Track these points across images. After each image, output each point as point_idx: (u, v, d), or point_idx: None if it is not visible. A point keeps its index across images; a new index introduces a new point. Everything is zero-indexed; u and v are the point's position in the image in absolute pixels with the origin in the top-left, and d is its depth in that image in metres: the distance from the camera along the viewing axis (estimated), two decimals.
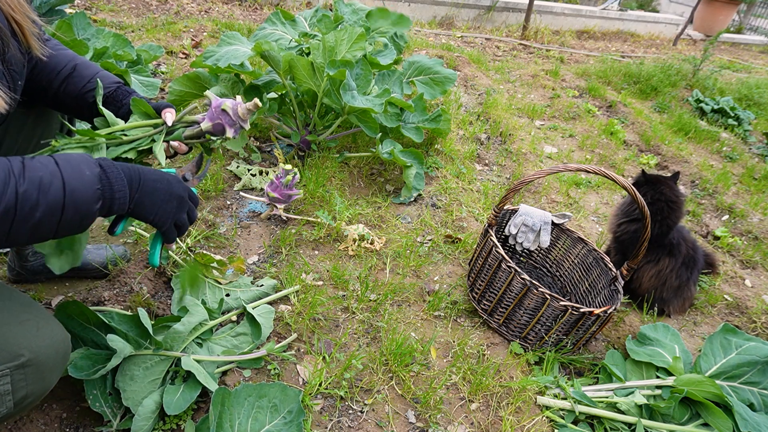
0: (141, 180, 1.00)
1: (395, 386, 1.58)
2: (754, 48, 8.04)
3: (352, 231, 2.12)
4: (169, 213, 1.06)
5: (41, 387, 0.98)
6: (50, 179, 0.84)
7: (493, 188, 2.76)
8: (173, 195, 1.06)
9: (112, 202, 0.95)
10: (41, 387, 0.98)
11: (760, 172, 3.50)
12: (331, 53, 2.32)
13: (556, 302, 1.64)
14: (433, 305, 1.89)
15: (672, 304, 2.09)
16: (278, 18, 2.91)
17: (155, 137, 1.24)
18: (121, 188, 0.95)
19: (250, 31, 4.08)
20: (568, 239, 2.10)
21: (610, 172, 1.57)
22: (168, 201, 1.05)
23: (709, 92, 4.77)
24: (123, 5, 4.36)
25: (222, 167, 2.44)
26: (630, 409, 1.58)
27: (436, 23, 6.15)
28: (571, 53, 5.75)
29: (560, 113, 3.94)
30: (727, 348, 1.74)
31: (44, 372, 0.97)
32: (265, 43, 2.17)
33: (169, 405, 1.30)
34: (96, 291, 1.68)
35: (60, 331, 1.02)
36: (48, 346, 0.97)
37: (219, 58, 2.44)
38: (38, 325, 0.98)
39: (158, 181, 1.04)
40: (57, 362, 1.00)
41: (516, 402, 1.58)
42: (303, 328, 1.71)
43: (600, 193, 2.97)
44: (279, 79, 2.46)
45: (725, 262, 2.55)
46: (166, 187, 1.05)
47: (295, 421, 1.32)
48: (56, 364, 1.00)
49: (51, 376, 1.00)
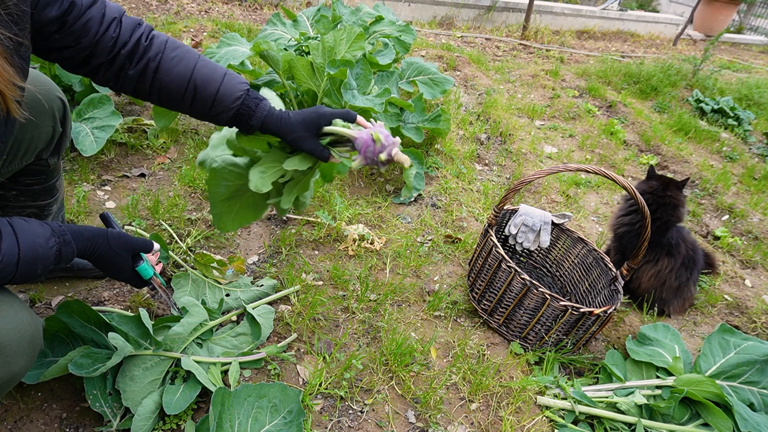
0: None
1: (395, 386, 1.58)
2: (754, 48, 8.04)
3: (352, 231, 2.12)
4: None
5: (7, 372, 0.96)
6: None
7: (493, 188, 2.76)
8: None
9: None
10: (7, 372, 0.96)
11: (760, 172, 3.50)
12: (330, 53, 2.32)
13: (556, 302, 1.64)
14: (433, 305, 1.89)
15: (672, 304, 2.09)
16: (278, 19, 2.91)
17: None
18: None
19: (250, 31, 4.08)
20: (568, 239, 2.10)
21: (610, 172, 1.57)
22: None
23: (709, 92, 4.77)
24: (123, 5, 4.36)
25: None
26: (630, 409, 1.58)
27: (436, 23, 6.15)
28: (571, 53, 5.75)
29: (560, 113, 3.94)
30: (725, 348, 1.74)
31: (8, 355, 0.95)
32: (263, 42, 2.17)
33: (169, 405, 1.30)
34: (96, 291, 1.68)
35: (25, 314, 1.00)
36: (11, 329, 0.95)
37: (219, 59, 2.45)
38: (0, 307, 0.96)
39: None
40: (22, 346, 0.98)
41: (516, 402, 1.58)
42: (303, 328, 1.71)
43: (600, 193, 2.97)
44: (279, 78, 2.46)
45: (725, 262, 2.55)
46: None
47: (295, 421, 1.32)
48: (21, 348, 0.98)
49: (17, 360, 0.97)
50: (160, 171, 2.36)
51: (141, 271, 1.22)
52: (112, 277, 1.23)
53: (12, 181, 1.39)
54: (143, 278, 1.25)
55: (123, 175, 2.28)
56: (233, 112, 1.20)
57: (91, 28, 1.07)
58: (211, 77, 1.19)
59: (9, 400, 1.33)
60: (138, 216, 2.03)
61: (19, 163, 1.32)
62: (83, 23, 1.06)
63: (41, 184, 1.45)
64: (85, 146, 2.08)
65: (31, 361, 1.03)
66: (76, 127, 2.13)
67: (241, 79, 1.23)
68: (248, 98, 1.21)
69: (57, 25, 1.02)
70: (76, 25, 1.05)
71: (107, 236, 1.15)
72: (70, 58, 1.10)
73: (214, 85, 1.19)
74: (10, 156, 1.26)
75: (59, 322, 1.36)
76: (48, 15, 1.00)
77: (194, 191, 2.25)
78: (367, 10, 3.05)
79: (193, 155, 2.46)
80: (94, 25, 1.07)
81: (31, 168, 1.39)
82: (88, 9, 1.06)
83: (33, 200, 1.47)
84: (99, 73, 1.14)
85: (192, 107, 1.21)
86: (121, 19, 1.13)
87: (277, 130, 1.22)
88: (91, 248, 1.12)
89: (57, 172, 1.49)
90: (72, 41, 1.06)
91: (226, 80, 1.20)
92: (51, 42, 1.05)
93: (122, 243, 1.17)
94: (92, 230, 1.14)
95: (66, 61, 1.11)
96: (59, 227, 1.05)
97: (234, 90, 1.20)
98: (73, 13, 1.04)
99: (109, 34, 1.10)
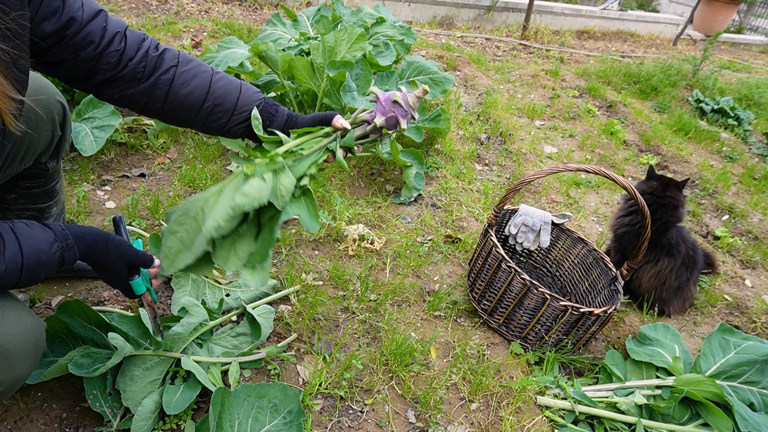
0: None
1: (395, 386, 1.59)
2: (754, 48, 8.04)
3: (352, 231, 2.12)
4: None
5: (11, 376, 0.96)
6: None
7: (493, 188, 2.76)
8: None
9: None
10: (11, 376, 0.96)
11: (760, 172, 3.50)
12: (330, 53, 2.32)
13: (556, 302, 1.64)
14: (433, 305, 1.89)
15: (672, 304, 2.09)
16: (278, 19, 2.92)
17: (330, 146, 1.19)
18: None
19: (250, 31, 4.08)
20: (568, 239, 2.10)
21: (610, 172, 1.57)
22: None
23: (709, 92, 4.77)
24: (123, 5, 4.36)
25: (222, 167, 2.44)
26: (630, 409, 1.58)
27: (436, 23, 6.15)
28: (571, 53, 5.75)
29: (560, 113, 3.94)
30: (725, 348, 1.74)
31: (12, 360, 0.95)
32: (262, 43, 2.17)
33: (169, 405, 1.30)
34: (96, 291, 1.69)
35: (28, 317, 1.00)
36: (15, 333, 0.95)
37: (218, 63, 2.45)
38: (3, 312, 0.95)
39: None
40: (27, 350, 0.98)
41: (516, 402, 1.58)
42: (303, 328, 1.71)
43: (600, 193, 2.97)
44: (278, 79, 2.47)
45: (725, 262, 2.55)
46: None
47: (295, 421, 1.32)
48: (26, 352, 0.97)
49: (21, 364, 0.97)
50: (160, 171, 2.36)
51: (134, 286, 1.21)
52: (106, 282, 1.23)
53: (11, 184, 1.38)
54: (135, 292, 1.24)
55: (123, 175, 2.28)
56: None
57: (92, 41, 1.06)
58: (229, 88, 1.20)
59: (9, 400, 1.33)
60: (138, 216, 2.03)
61: (18, 167, 1.31)
62: (83, 37, 1.05)
63: (41, 187, 1.44)
64: (84, 146, 2.08)
65: (35, 364, 1.02)
66: (75, 127, 2.13)
67: (255, 88, 1.25)
68: (267, 105, 1.24)
69: (55, 39, 1.01)
70: (75, 39, 1.04)
71: (107, 242, 1.14)
72: (70, 72, 1.08)
73: (233, 96, 1.20)
74: (8, 160, 1.25)
75: (59, 322, 1.36)
76: (45, 29, 0.99)
77: (194, 191, 2.25)
78: (368, 11, 3.05)
79: (193, 155, 2.46)
80: (95, 38, 1.06)
81: (31, 171, 1.38)
82: (88, 23, 1.05)
83: (33, 203, 1.46)
84: (104, 88, 1.13)
85: (208, 120, 1.20)
86: (125, 33, 1.12)
87: (298, 127, 1.23)
88: (91, 252, 1.12)
89: (57, 175, 1.47)
90: (70, 55, 1.05)
91: (244, 90, 1.22)
92: (49, 56, 1.04)
93: (120, 252, 1.16)
94: (95, 234, 1.13)
95: (67, 75, 1.10)
96: (62, 231, 1.05)
97: (252, 98, 1.22)
98: (72, 28, 1.03)
99: (113, 48, 1.09)
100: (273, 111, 1.24)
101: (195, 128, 1.25)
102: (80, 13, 1.03)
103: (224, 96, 1.19)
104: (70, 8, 1.02)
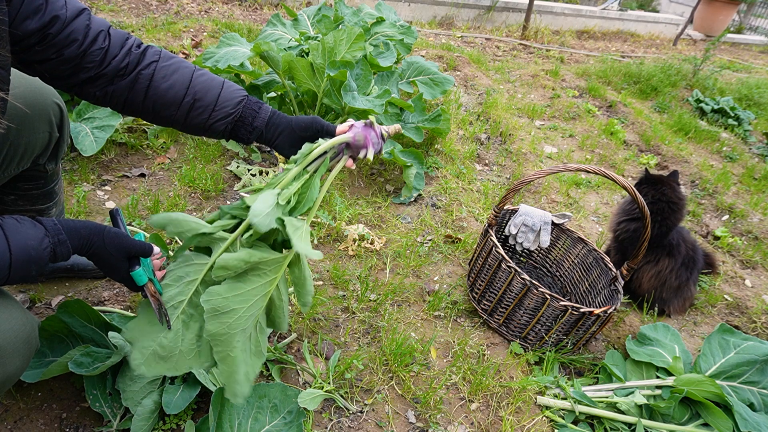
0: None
1: (395, 386, 1.59)
2: (754, 48, 8.04)
3: (352, 231, 2.12)
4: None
5: (2, 373, 0.95)
6: None
7: (493, 188, 2.76)
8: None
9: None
10: (2, 373, 0.95)
11: (760, 172, 3.50)
12: (330, 54, 2.32)
13: (556, 302, 1.64)
14: (433, 305, 1.89)
15: (672, 304, 2.09)
16: (278, 19, 2.91)
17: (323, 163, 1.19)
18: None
19: (250, 31, 4.08)
20: (568, 239, 2.10)
21: (610, 172, 1.57)
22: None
23: (709, 92, 4.77)
24: (123, 5, 4.36)
25: (222, 167, 2.44)
26: (630, 409, 1.58)
27: (436, 23, 6.15)
28: (571, 53, 5.75)
29: (560, 113, 3.94)
30: (725, 348, 1.74)
31: (3, 357, 0.94)
32: (264, 43, 2.17)
33: (169, 404, 1.30)
34: (96, 291, 1.69)
35: (20, 314, 0.99)
36: (6, 330, 0.94)
37: (218, 59, 2.45)
38: None
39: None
40: (18, 347, 0.97)
41: (516, 402, 1.58)
42: (303, 328, 1.71)
43: (600, 193, 2.97)
44: (279, 79, 2.47)
45: (725, 262, 2.55)
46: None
47: (295, 421, 1.32)
48: (17, 348, 0.97)
49: (12, 361, 0.97)
50: (160, 171, 2.36)
51: (135, 277, 1.20)
52: (107, 276, 1.21)
53: (10, 186, 1.37)
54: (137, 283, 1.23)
55: (123, 175, 2.28)
56: (237, 115, 1.21)
57: (76, 40, 1.05)
58: (210, 84, 1.20)
59: (9, 400, 1.33)
60: (138, 216, 2.03)
61: (16, 169, 1.30)
62: (66, 35, 1.04)
63: (39, 188, 1.43)
64: (84, 146, 2.08)
65: (27, 361, 1.02)
66: (75, 127, 2.13)
67: (239, 86, 1.24)
68: (249, 101, 1.22)
69: (38, 37, 1.00)
70: (58, 38, 1.03)
71: (103, 235, 1.12)
72: (52, 70, 1.07)
73: (214, 92, 1.19)
74: (6, 162, 1.25)
75: (59, 322, 1.35)
76: (28, 27, 0.98)
77: (194, 191, 2.25)
78: (369, 11, 3.05)
79: (194, 155, 2.46)
80: (79, 37, 1.06)
81: (29, 173, 1.37)
82: (72, 21, 1.04)
83: (32, 204, 1.45)
84: (87, 86, 1.12)
85: (189, 116, 1.19)
86: (109, 31, 1.11)
87: (280, 128, 1.22)
88: (87, 246, 1.09)
89: (56, 176, 1.47)
90: (53, 53, 1.04)
91: (226, 86, 1.21)
92: (32, 54, 1.03)
93: (117, 244, 1.14)
94: (90, 227, 1.11)
95: (49, 74, 1.09)
96: (54, 226, 1.03)
97: (234, 95, 1.21)
98: (56, 26, 1.02)
99: (97, 46, 1.08)
100: (256, 108, 1.22)
101: (177, 127, 1.23)
102: (63, 11, 1.03)
103: (205, 91, 1.18)
104: (53, 6, 1.01)
